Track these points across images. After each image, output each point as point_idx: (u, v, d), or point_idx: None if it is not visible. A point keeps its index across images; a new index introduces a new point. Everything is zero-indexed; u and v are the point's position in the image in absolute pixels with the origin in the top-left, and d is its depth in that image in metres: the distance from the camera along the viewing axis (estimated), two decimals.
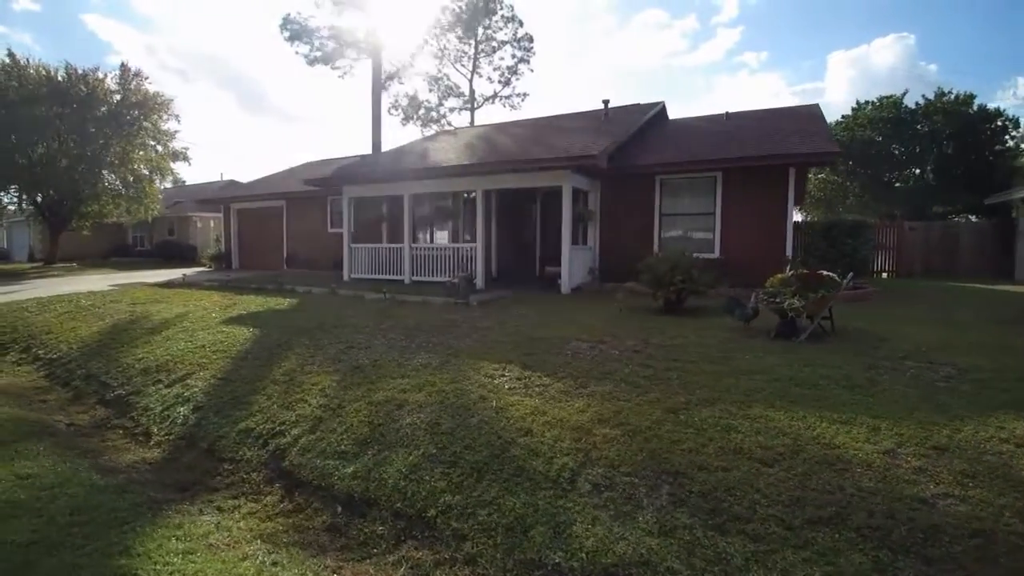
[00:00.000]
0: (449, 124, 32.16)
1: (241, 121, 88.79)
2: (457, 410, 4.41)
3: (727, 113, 13.90)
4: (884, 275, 15.13)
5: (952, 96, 18.91)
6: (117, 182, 21.03)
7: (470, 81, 31.65)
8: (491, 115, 72.83)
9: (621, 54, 63.13)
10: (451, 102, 31.72)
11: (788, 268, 10.37)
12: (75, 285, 13.82)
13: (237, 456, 4.30)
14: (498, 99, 32.75)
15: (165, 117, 21.65)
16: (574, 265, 11.19)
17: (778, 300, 6.37)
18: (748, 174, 10.44)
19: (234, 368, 5.89)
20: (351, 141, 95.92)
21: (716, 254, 10.86)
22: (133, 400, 5.59)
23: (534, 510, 3.22)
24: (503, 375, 5.13)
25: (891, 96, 20.07)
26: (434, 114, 30.90)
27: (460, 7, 27.98)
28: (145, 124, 20.85)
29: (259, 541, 3.27)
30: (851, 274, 6.85)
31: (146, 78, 21.77)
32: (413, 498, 3.48)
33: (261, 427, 4.57)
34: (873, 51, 59.49)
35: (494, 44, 31.34)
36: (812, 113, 12.72)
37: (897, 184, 19.56)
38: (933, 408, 4.13)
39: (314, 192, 16.03)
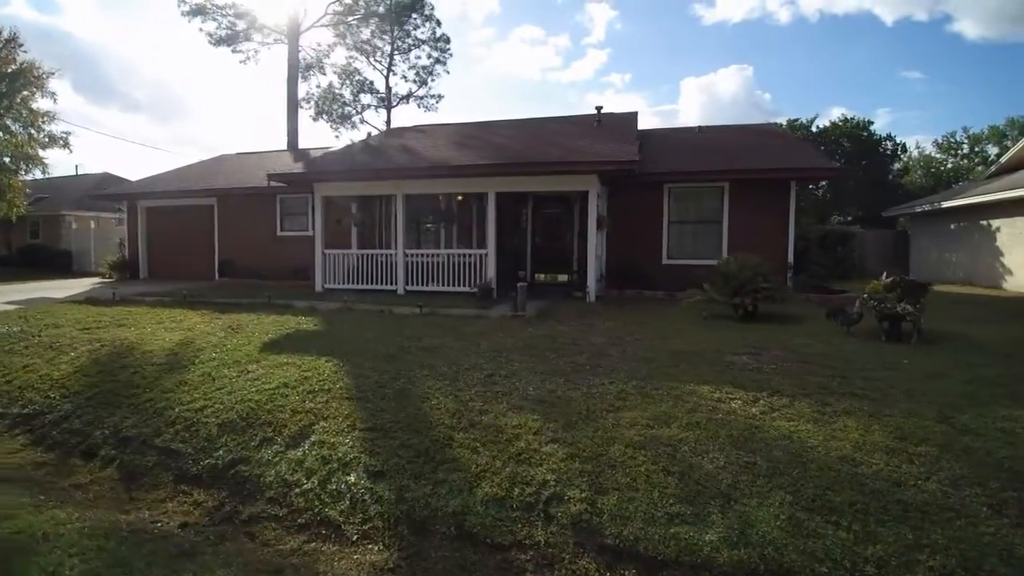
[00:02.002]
0: (364, 121, 29.95)
1: (80, 110, 72.27)
2: (744, 444, 3.85)
3: (699, 127, 14.72)
4: None
5: (854, 121, 22.79)
6: None
7: (386, 78, 29.77)
8: (405, 116, 69.60)
9: (501, 65, 64.76)
10: (365, 99, 29.54)
11: (789, 274, 11.23)
12: None
13: (520, 538, 3.19)
14: (413, 99, 31.28)
15: (39, 94, 16.46)
16: (592, 273, 10.85)
17: (887, 306, 6.72)
18: (754, 185, 11.08)
19: (369, 413, 4.51)
20: (248, 136, 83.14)
21: None
22: (245, 472, 3.96)
23: (972, 546, 2.84)
24: (731, 397, 4.64)
25: (797, 119, 23.52)
26: (350, 109, 28.53)
27: None
28: (15, 100, 15.54)
29: None
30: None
31: (20, 45, 16.43)
32: (832, 558, 2.85)
33: (516, 493, 3.48)
34: (719, 79, 68.52)
35: (410, 42, 29.83)
36: (779, 131, 14.02)
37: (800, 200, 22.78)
38: None
39: (257, 189, 13.54)
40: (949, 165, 24.69)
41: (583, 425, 4.21)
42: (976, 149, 24.67)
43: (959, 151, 25.39)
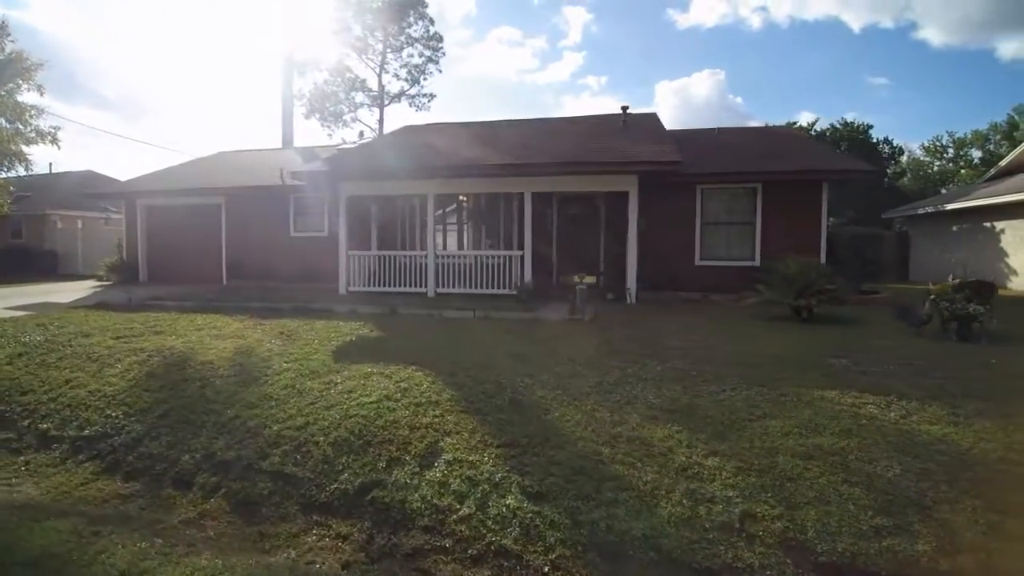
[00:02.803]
0: (357, 119, 29.19)
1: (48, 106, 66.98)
2: (906, 449, 3.81)
3: (718, 129, 14.79)
4: None
5: (854, 125, 23.45)
6: None
7: (379, 76, 29.03)
8: (397, 114, 67.81)
9: (478, 66, 64.18)
10: (358, 97, 28.77)
11: None
12: None
13: (728, 560, 2.93)
14: (405, 98, 30.68)
15: (25, 87, 15.08)
16: (632, 274, 10.70)
17: (958, 307, 6.76)
18: (787, 186, 11.13)
19: (494, 428, 4.19)
20: (230, 134, 78.44)
21: (756, 262, 11.36)
22: (383, 497, 3.57)
23: None
24: (862, 403, 4.55)
25: (794, 123, 24.08)
26: (342, 107, 27.73)
27: None
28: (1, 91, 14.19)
29: None
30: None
31: (8, 35, 15.05)
32: None
33: (702, 512, 3.24)
34: (692, 83, 69.61)
35: (403, 40, 29.23)
36: (793, 132, 14.19)
37: None
38: None
39: (270, 188, 12.88)
40: (936, 168, 25.83)
41: (733, 436, 4.01)
42: (961, 152, 25.93)
43: (944, 154, 26.66)
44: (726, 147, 12.91)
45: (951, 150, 26.31)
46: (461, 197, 13.30)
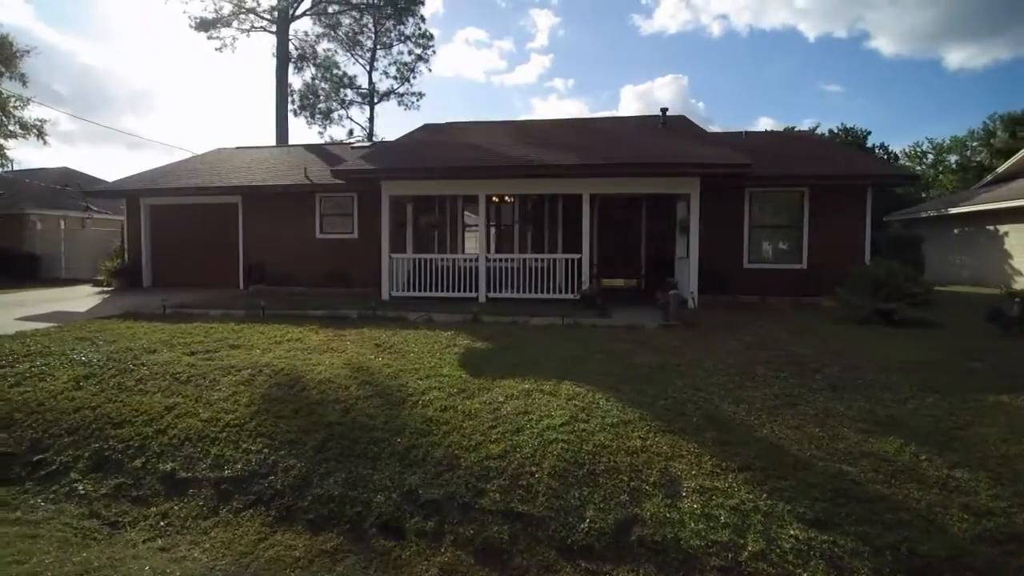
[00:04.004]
0: (348, 117, 28.09)
1: None
2: None
3: (744, 132, 14.96)
4: None
5: (853, 130, 24.40)
6: None
7: (369, 74, 28.04)
8: (386, 113, 64.88)
9: (446, 66, 63.29)
10: (347, 94, 27.65)
11: None
12: None
13: None
14: (394, 96, 29.79)
15: (8, 75, 13.23)
16: (694, 278, 10.58)
17: None
18: (833, 190, 11.30)
19: (716, 450, 3.89)
20: (210, 135, 73.02)
21: (803, 265, 11.51)
22: (650, 536, 3.17)
23: None
24: None
25: (793, 127, 24.91)
26: (334, 104, 26.57)
27: None
28: None
29: None
30: None
31: None
32: None
33: (989, 525, 3.11)
34: (656, 87, 71.41)
35: (394, 36, 28.34)
36: (817, 137, 14.52)
37: None
38: None
39: (295, 186, 12.02)
40: (917, 172, 27.41)
41: (958, 446, 3.92)
42: (940, 158, 27.64)
43: (924, 160, 28.36)
44: (763, 150, 12.99)
45: (931, 155, 28.11)
46: (494, 198, 12.88)
